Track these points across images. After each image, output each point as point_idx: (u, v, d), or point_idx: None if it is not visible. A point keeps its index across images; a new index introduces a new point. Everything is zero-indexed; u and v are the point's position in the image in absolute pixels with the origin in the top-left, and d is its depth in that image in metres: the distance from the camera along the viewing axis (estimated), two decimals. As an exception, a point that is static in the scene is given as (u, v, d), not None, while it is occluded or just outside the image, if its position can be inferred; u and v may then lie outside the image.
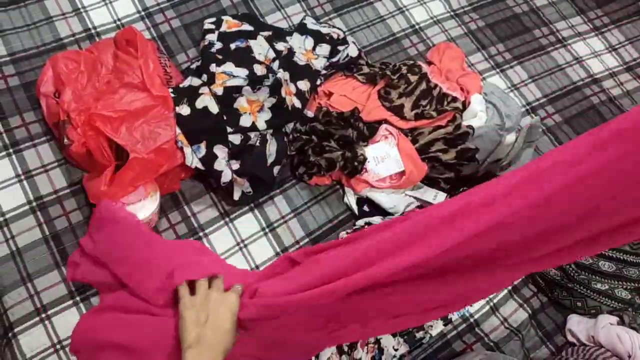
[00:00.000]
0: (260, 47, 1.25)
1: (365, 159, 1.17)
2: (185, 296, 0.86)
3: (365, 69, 1.30)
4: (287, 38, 1.30)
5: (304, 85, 1.23)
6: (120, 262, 0.96)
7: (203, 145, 1.11)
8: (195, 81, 1.17)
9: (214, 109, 1.13)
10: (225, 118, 1.13)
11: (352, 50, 1.32)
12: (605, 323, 1.10)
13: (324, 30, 1.33)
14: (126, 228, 0.99)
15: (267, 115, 1.18)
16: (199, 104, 1.13)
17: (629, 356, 1.04)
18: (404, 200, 1.18)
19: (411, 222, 0.85)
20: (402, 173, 1.17)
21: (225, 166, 1.11)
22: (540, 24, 1.57)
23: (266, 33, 1.29)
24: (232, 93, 1.14)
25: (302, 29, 1.33)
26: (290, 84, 1.22)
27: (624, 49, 1.60)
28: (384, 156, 1.18)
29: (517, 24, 1.55)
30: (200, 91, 1.14)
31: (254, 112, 1.17)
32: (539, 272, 1.16)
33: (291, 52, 1.26)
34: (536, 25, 1.57)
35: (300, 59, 1.26)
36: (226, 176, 1.11)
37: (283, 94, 1.17)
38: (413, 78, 1.28)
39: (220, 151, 1.12)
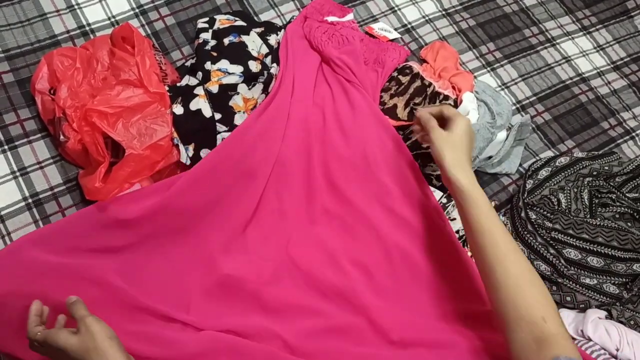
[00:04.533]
0: (253, 43, 1.26)
1: None
2: None
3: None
4: (278, 32, 1.31)
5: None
6: None
7: (191, 147, 1.11)
8: (192, 81, 1.17)
9: (207, 112, 1.13)
10: (220, 117, 1.14)
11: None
12: (593, 317, 1.11)
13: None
14: None
15: (258, 112, 1.19)
16: (193, 105, 1.13)
17: (617, 349, 1.07)
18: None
19: None
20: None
21: None
22: (530, 23, 1.59)
23: (259, 29, 1.30)
24: (227, 91, 1.15)
25: (292, 25, 1.34)
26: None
27: (611, 48, 1.62)
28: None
29: (507, 24, 1.57)
30: (195, 91, 1.14)
31: (247, 110, 1.18)
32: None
33: (280, 45, 1.27)
34: (526, 24, 1.59)
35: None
36: None
37: (270, 90, 1.19)
38: (404, 79, 1.29)
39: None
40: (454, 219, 1.16)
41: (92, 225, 1.02)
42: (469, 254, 1.16)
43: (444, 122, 1.05)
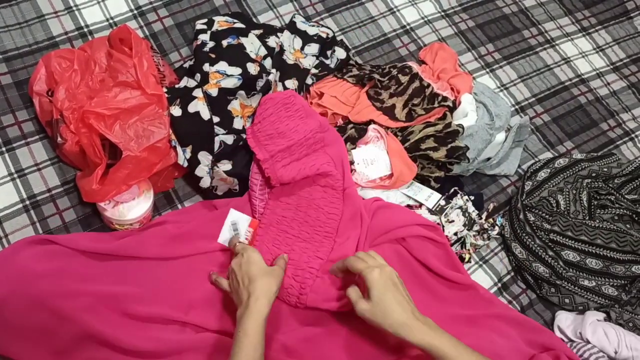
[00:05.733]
0: (251, 45, 1.25)
1: (351, 162, 1.17)
2: None
3: (355, 71, 1.31)
4: (278, 34, 1.31)
5: (291, 84, 1.24)
6: None
7: (189, 150, 1.11)
8: (190, 82, 1.17)
9: (206, 115, 1.12)
10: (218, 120, 1.13)
11: (340, 53, 1.33)
12: (592, 319, 1.11)
13: (312, 31, 1.34)
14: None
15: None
16: (191, 108, 1.12)
17: (615, 352, 1.06)
18: (396, 198, 1.19)
19: None
20: (392, 174, 1.18)
21: (206, 173, 1.12)
22: (529, 24, 1.59)
23: (257, 31, 1.30)
24: (226, 95, 1.15)
25: (291, 27, 1.34)
26: (279, 83, 1.23)
27: (610, 49, 1.62)
28: (374, 159, 1.19)
29: (506, 25, 1.57)
30: (194, 94, 1.14)
31: (244, 116, 1.18)
32: (527, 269, 1.17)
33: (282, 49, 1.27)
34: (525, 25, 1.59)
35: (289, 57, 1.27)
36: (205, 183, 1.12)
37: (271, 95, 1.18)
38: (404, 78, 1.29)
39: (204, 158, 1.11)
40: (452, 220, 1.16)
41: (94, 236, 1.03)
42: (467, 256, 1.16)
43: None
